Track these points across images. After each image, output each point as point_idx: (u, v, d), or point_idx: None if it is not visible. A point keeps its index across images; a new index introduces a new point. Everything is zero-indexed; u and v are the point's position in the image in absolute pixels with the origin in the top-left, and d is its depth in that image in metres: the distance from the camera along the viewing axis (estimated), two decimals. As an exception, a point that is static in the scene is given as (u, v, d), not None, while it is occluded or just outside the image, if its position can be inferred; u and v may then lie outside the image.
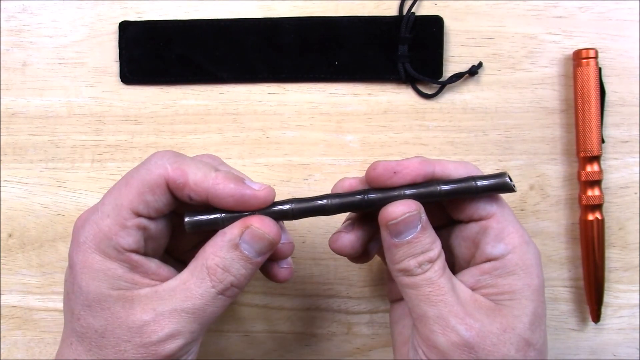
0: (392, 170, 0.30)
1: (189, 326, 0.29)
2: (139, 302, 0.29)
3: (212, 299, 0.29)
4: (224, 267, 0.29)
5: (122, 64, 0.40)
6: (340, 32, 0.39)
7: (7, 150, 0.41)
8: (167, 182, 0.29)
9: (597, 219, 0.38)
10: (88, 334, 0.29)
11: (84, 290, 0.29)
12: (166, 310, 0.29)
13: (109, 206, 0.29)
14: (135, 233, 0.29)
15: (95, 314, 0.29)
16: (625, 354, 0.40)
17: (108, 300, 0.29)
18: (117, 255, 0.29)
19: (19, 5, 0.40)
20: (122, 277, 0.29)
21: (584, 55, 0.38)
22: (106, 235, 0.29)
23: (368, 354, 0.41)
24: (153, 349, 0.28)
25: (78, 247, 0.29)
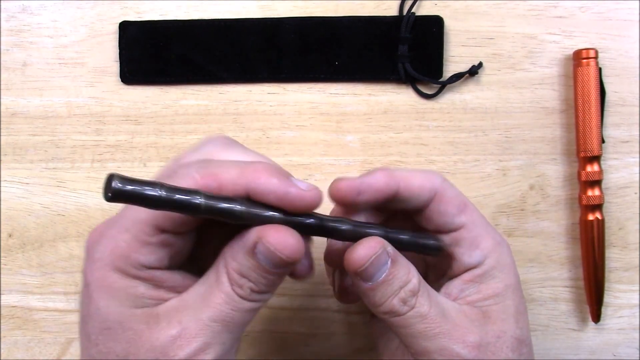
0: (356, 191, 0.28)
1: (219, 336, 0.26)
2: (166, 316, 0.26)
3: (238, 304, 0.26)
4: (241, 273, 0.26)
5: (122, 64, 0.40)
6: (341, 32, 0.39)
7: (7, 150, 0.41)
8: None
9: (597, 219, 0.38)
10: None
11: (102, 311, 0.26)
12: (193, 321, 0.25)
13: (129, 220, 0.26)
14: (159, 251, 0.26)
15: (116, 337, 0.26)
16: (625, 354, 0.40)
17: (131, 321, 0.26)
18: (138, 273, 0.26)
19: (19, 5, 0.40)
20: (146, 294, 0.26)
21: (584, 55, 0.38)
22: (124, 252, 0.26)
23: (368, 354, 0.41)
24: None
25: (93, 265, 0.26)
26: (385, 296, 0.28)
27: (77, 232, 0.40)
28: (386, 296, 0.28)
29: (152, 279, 0.26)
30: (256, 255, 0.26)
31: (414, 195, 0.29)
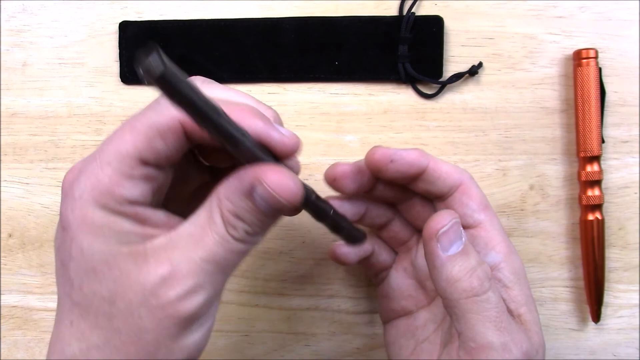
0: (389, 158, 0.30)
1: (212, 277, 0.24)
2: (153, 254, 0.24)
3: (230, 244, 0.25)
4: (236, 215, 0.25)
5: (122, 64, 0.40)
6: (341, 32, 0.39)
7: (7, 150, 0.41)
8: (182, 124, 0.25)
9: (597, 219, 0.38)
10: (93, 304, 0.24)
11: (86, 252, 0.24)
12: (184, 261, 0.24)
13: (110, 154, 0.24)
14: (143, 185, 0.25)
15: (102, 278, 0.24)
16: (625, 354, 0.40)
17: (118, 259, 0.24)
18: (122, 208, 0.24)
19: (19, 5, 0.40)
20: (132, 231, 0.24)
21: (584, 55, 0.38)
22: (106, 187, 0.24)
23: (368, 354, 0.41)
24: (172, 310, 0.24)
25: (73, 204, 0.24)
26: (464, 269, 0.28)
27: (77, 232, 0.40)
28: (465, 270, 0.28)
29: (136, 215, 0.25)
30: (254, 198, 0.24)
31: (440, 178, 0.30)
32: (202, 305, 0.24)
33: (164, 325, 0.24)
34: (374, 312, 0.40)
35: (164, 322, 0.24)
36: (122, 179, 0.24)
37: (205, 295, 0.24)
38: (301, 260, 0.40)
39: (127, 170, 0.24)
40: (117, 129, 0.25)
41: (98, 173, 0.24)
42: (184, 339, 0.25)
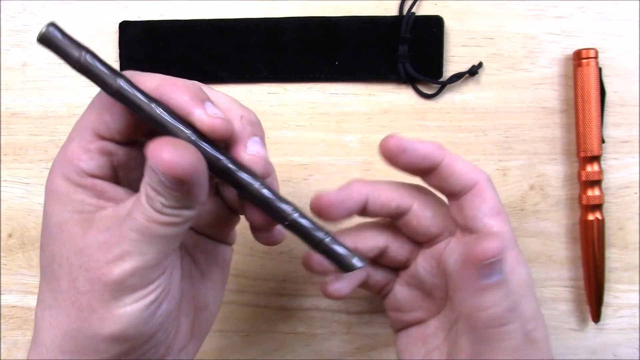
0: (402, 148, 0.29)
1: (138, 246, 0.25)
2: (99, 221, 0.25)
3: (154, 215, 0.25)
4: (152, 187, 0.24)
5: (122, 64, 0.40)
6: (341, 32, 0.39)
7: (7, 150, 0.41)
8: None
9: (597, 219, 0.38)
10: (49, 266, 0.26)
11: (48, 216, 0.26)
12: (116, 230, 0.25)
13: (74, 131, 0.27)
14: (99, 157, 0.26)
15: (55, 240, 0.26)
16: (625, 354, 0.40)
17: (68, 223, 0.26)
18: (80, 180, 0.26)
19: (19, 5, 0.40)
20: (86, 201, 0.26)
21: (584, 55, 0.38)
22: (69, 160, 0.26)
23: (368, 354, 0.41)
24: (101, 273, 0.24)
25: (49, 176, 0.27)
26: (495, 300, 0.27)
27: (77, 232, 0.40)
28: (497, 300, 0.27)
29: (93, 187, 0.26)
30: (153, 171, 0.24)
31: (454, 176, 0.30)
32: (129, 273, 0.25)
33: (95, 288, 0.25)
34: (374, 312, 0.40)
35: (95, 285, 0.25)
36: (80, 152, 0.26)
37: (133, 262, 0.25)
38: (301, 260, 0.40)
39: (85, 145, 0.26)
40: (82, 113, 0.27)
41: (65, 148, 0.27)
42: (116, 308, 0.25)
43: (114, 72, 0.25)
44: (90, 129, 0.26)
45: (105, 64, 0.26)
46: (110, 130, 0.26)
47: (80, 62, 0.25)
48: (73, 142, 0.27)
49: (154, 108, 0.25)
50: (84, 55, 0.25)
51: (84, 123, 0.27)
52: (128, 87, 0.25)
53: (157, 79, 0.26)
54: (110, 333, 0.25)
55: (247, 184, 0.26)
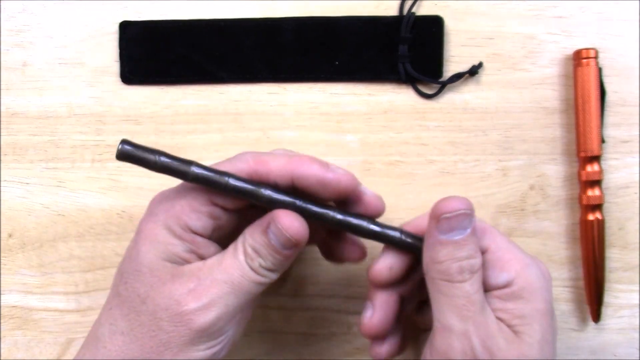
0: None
1: (226, 297, 0.29)
2: (188, 272, 0.29)
3: (247, 272, 0.30)
4: (254, 249, 0.30)
5: (123, 64, 0.40)
6: (341, 32, 0.39)
7: (7, 150, 0.41)
8: (249, 174, 0.30)
9: (598, 219, 0.38)
10: (130, 298, 0.30)
11: (140, 255, 0.30)
12: (208, 280, 0.29)
13: (188, 189, 0.31)
14: (206, 219, 0.30)
15: (142, 279, 0.29)
16: (625, 354, 0.40)
17: (159, 269, 0.29)
18: (183, 234, 0.30)
19: (19, 5, 0.40)
20: (180, 254, 0.30)
21: (584, 55, 0.38)
22: (177, 214, 0.30)
23: (368, 354, 0.41)
24: (188, 318, 0.28)
25: (149, 218, 0.30)
26: (448, 256, 0.30)
27: (77, 232, 0.40)
28: (449, 257, 0.30)
29: (192, 242, 0.30)
30: (268, 234, 0.30)
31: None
32: (213, 321, 0.29)
33: (178, 330, 0.29)
34: (374, 312, 0.40)
35: (179, 327, 0.29)
36: (190, 211, 0.30)
37: (217, 312, 0.29)
38: (301, 260, 0.40)
39: (197, 206, 0.30)
40: None
41: (174, 202, 0.30)
42: (191, 351, 0.29)
43: (186, 163, 0.29)
44: (205, 195, 0.30)
45: (178, 159, 0.30)
46: (225, 200, 0.30)
47: (157, 165, 0.29)
48: (184, 199, 0.30)
49: (228, 180, 0.30)
50: (159, 158, 0.29)
51: (199, 188, 0.30)
52: (202, 171, 0.29)
53: (283, 158, 0.30)
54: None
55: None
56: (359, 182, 0.31)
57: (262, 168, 0.30)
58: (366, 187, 0.32)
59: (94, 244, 0.40)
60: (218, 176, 0.29)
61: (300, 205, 0.30)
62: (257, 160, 0.30)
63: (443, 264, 0.30)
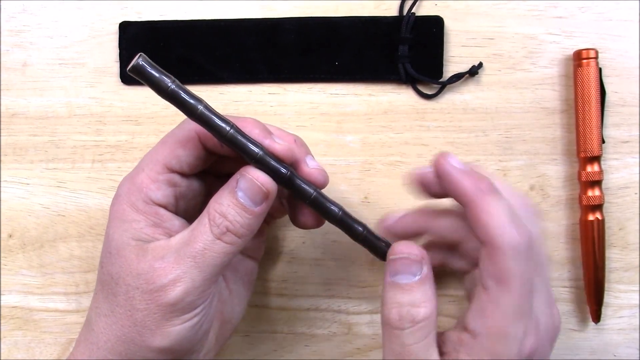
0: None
1: (191, 272, 0.29)
2: (153, 250, 0.29)
3: (210, 243, 0.29)
4: (221, 213, 0.29)
5: (123, 64, 0.40)
6: (341, 32, 0.39)
7: (7, 150, 0.41)
8: (197, 133, 0.30)
9: (598, 219, 0.38)
10: (107, 281, 0.30)
11: (109, 238, 0.30)
12: (172, 257, 0.29)
13: (145, 162, 0.31)
14: (165, 187, 0.31)
15: (113, 261, 0.30)
16: (625, 354, 0.40)
17: (126, 248, 0.30)
18: (145, 207, 0.30)
19: (19, 5, 0.40)
20: (144, 230, 0.30)
21: (584, 56, 0.38)
22: (138, 188, 0.30)
23: (368, 355, 0.41)
24: (157, 295, 0.29)
25: (115, 200, 0.31)
26: (392, 299, 0.30)
27: (78, 232, 0.40)
28: (392, 300, 0.30)
29: (155, 214, 0.30)
30: (236, 193, 0.29)
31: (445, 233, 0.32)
32: (181, 296, 0.29)
33: (150, 307, 0.29)
34: (374, 312, 0.41)
35: (150, 305, 0.29)
36: (149, 182, 0.30)
37: (182, 287, 0.29)
38: (301, 260, 0.40)
39: (154, 175, 0.30)
40: (155, 145, 0.32)
41: (134, 177, 0.31)
42: (166, 326, 0.29)
43: (197, 99, 0.29)
44: (161, 162, 0.30)
45: (189, 92, 0.29)
46: (180, 164, 0.31)
47: (168, 91, 0.28)
48: (143, 172, 0.30)
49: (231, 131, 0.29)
50: (172, 84, 0.28)
51: (156, 156, 0.31)
52: (208, 112, 0.29)
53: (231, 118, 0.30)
54: (159, 346, 0.29)
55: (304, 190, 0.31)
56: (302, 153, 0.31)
57: None
58: (312, 159, 0.32)
59: (94, 245, 0.40)
60: (223, 123, 0.29)
61: (289, 175, 0.30)
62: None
63: (385, 307, 0.30)
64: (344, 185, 0.40)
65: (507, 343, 0.28)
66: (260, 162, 0.29)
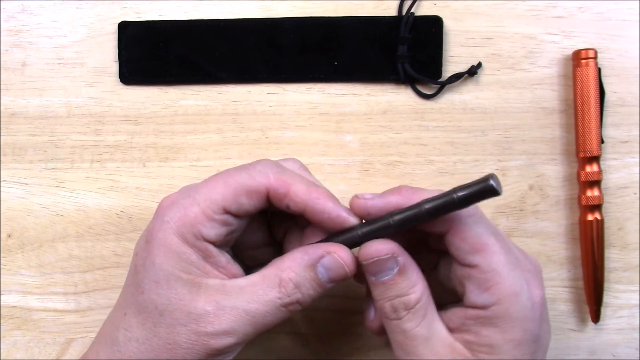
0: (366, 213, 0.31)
1: (245, 328, 0.29)
2: (205, 291, 0.29)
3: (275, 309, 0.30)
4: (296, 284, 0.30)
5: (122, 64, 0.40)
6: (340, 32, 0.39)
7: (6, 150, 0.41)
8: (268, 190, 0.30)
9: (597, 219, 0.38)
10: (148, 309, 0.30)
11: (156, 266, 0.30)
12: (228, 307, 0.29)
13: (202, 197, 0.30)
14: (219, 227, 0.30)
15: (160, 292, 0.29)
16: (624, 354, 0.40)
17: (177, 282, 0.29)
18: (195, 242, 0.30)
19: (18, 5, 0.40)
20: (195, 263, 0.30)
21: (584, 56, 0.38)
22: (191, 221, 0.29)
23: (368, 354, 0.41)
24: (205, 340, 0.29)
25: (161, 225, 0.30)
26: (381, 296, 0.31)
27: (77, 232, 0.40)
28: (381, 296, 0.31)
29: (205, 250, 0.30)
30: (317, 267, 0.30)
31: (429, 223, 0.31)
32: (228, 347, 0.29)
33: (194, 348, 0.29)
34: (373, 313, 0.40)
35: (195, 346, 0.29)
36: (204, 219, 0.30)
37: (233, 340, 0.29)
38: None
39: (211, 214, 0.30)
40: (213, 177, 0.31)
41: (188, 208, 0.30)
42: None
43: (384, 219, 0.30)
44: (220, 203, 0.30)
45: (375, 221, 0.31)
46: (239, 211, 0.30)
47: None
48: (198, 207, 0.30)
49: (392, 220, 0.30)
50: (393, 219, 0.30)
51: (215, 195, 0.30)
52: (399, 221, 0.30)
53: (303, 184, 0.31)
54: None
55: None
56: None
57: (282, 189, 0.30)
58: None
59: (93, 244, 0.40)
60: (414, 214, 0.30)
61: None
62: (278, 178, 0.30)
63: (378, 303, 0.31)
64: (343, 185, 0.40)
65: (518, 300, 0.29)
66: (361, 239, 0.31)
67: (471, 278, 0.30)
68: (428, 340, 0.30)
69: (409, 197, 0.30)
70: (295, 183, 0.30)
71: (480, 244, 0.30)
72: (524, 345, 0.29)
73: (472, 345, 0.30)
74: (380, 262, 0.30)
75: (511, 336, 0.29)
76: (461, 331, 0.30)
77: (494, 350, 0.29)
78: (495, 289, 0.29)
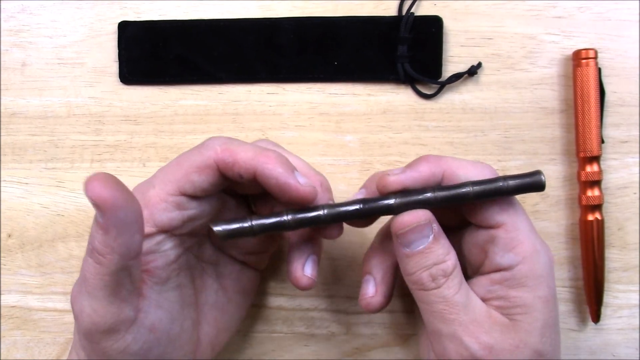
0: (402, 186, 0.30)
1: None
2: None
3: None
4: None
5: (122, 64, 0.40)
6: (340, 32, 0.39)
7: (6, 150, 0.41)
8: (216, 162, 0.30)
9: (597, 219, 0.38)
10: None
11: None
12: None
13: (157, 179, 0.30)
14: (172, 210, 0.30)
15: None
16: (624, 354, 0.40)
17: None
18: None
19: (18, 5, 0.40)
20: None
21: (584, 56, 0.38)
22: (145, 204, 0.29)
23: (367, 354, 0.41)
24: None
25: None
26: (417, 267, 0.30)
27: (77, 232, 0.40)
28: (418, 267, 0.30)
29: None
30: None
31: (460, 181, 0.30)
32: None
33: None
34: (373, 313, 0.40)
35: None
36: (158, 200, 0.30)
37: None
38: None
39: (165, 195, 0.30)
40: (168, 163, 0.31)
41: (145, 191, 0.30)
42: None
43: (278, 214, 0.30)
44: (174, 183, 0.30)
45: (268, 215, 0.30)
46: (194, 189, 0.30)
47: (253, 230, 0.30)
48: (153, 189, 0.30)
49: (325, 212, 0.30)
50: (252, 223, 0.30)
51: (169, 176, 0.30)
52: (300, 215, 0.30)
53: (251, 151, 0.29)
54: None
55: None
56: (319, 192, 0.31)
57: (229, 157, 0.29)
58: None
59: (93, 244, 0.40)
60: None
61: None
62: (224, 148, 0.30)
63: (414, 275, 0.30)
64: (343, 185, 0.40)
65: (540, 258, 0.30)
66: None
67: (495, 240, 0.30)
68: (467, 307, 0.30)
69: (437, 164, 0.31)
70: (242, 150, 0.29)
71: (507, 204, 0.30)
72: (550, 302, 0.30)
73: (504, 309, 0.30)
74: (417, 228, 0.30)
75: (540, 293, 0.30)
76: (488, 299, 0.30)
77: (528, 309, 0.29)
78: (520, 247, 0.30)
